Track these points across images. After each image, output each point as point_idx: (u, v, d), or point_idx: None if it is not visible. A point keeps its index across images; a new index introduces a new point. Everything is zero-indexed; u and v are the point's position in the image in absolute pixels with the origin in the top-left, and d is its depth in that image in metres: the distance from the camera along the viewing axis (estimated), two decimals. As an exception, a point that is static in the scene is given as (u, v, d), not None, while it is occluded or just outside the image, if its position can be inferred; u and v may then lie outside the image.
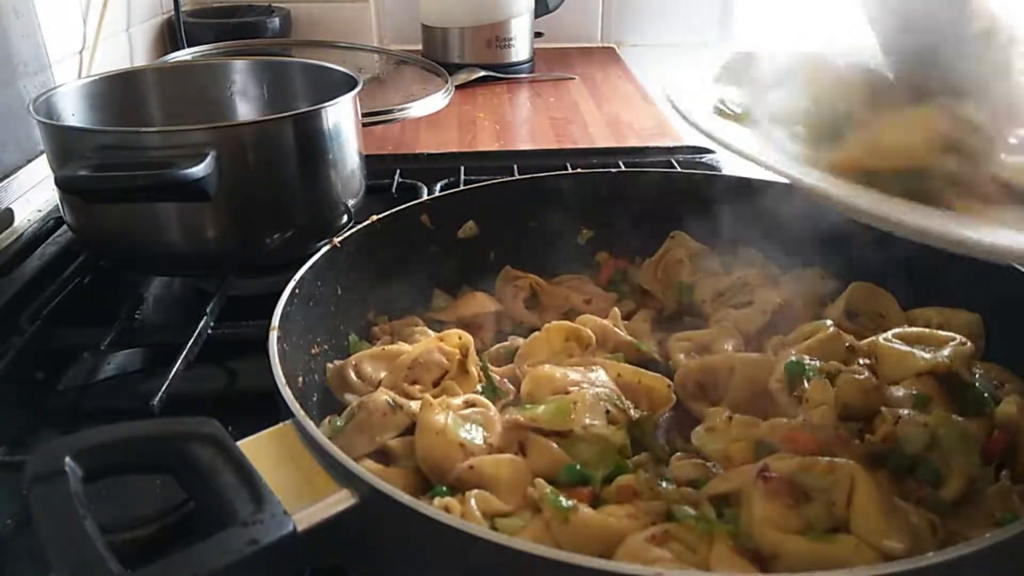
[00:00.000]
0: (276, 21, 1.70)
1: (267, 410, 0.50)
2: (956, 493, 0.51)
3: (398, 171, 1.08)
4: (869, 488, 0.48)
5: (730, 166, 1.17)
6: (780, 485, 0.47)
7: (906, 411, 0.55)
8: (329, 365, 0.65)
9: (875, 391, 0.58)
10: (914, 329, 0.64)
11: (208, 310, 0.75)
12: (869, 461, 0.52)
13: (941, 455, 0.52)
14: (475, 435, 0.55)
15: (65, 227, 0.93)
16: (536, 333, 0.69)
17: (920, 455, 0.52)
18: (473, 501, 0.49)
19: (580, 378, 0.60)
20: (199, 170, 0.69)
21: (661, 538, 0.45)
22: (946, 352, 0.60)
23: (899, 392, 0.58)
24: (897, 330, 0.64)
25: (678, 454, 0.57)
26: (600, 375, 0.62)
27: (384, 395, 0.58)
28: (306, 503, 0.42)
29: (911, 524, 0.47)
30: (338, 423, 0.57)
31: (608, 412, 0.57)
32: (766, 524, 0.46)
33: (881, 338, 0.63)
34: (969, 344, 0.61)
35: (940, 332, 0.63)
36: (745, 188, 0.80)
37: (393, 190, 1.04)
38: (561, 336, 0.68)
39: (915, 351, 0.61)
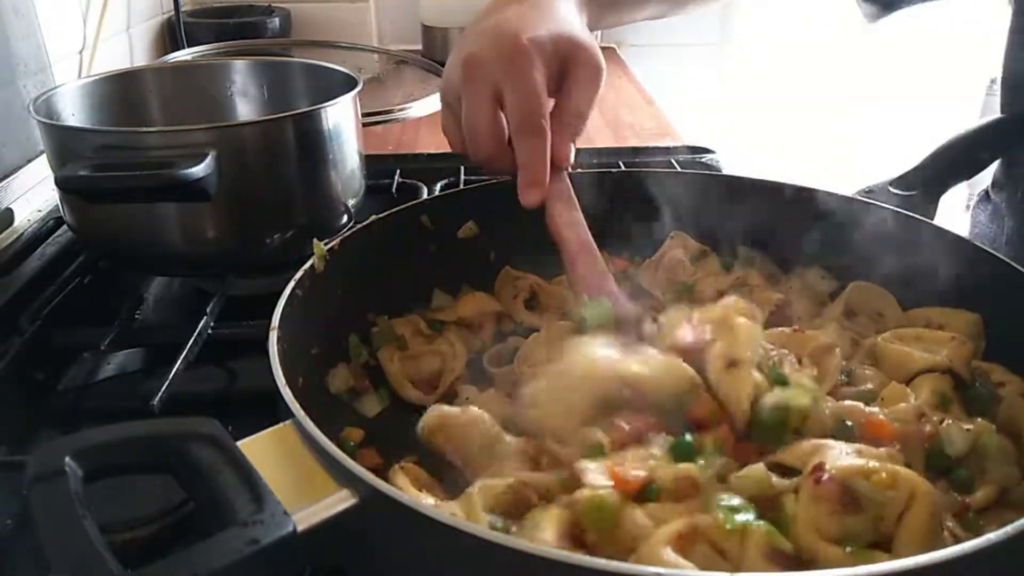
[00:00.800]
0: (276, 21, 1.70)
1: (267, 410, 0.50)
2: (986, 500, 0.50)
3: (398, 171, 1.08)
4: (928, 509, 0.45)
5: (730, 166, 1.17)
6: (832, 487, 0.44)
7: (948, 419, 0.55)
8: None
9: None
10: (912, 328, 0.65)
11: (208, 310, 0.75)
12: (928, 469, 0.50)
13: (978, 461, 0.52)
14: None
15: (65, 227, 0.93)
16: (536, 333, 0.69)
17: (960, 459, 0.52)
18: (478, 498, 0.48)
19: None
20: (199, 170, 0.69)
21: (689, 538, 0.43)
22: (944, 351, 0.61)
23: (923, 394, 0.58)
24: (896, 330, 0.64)
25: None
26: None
27: None
28: (306, 503, 0.42)
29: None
30: None
31: None
32: (808, 527, 0.44)
33: (880, 338, 0.63)
34: (968, 343, 0.61)
35: (938, 332, 0.64)
36: (745, 188, 0.80)
37: (393, 190, 1.04)
38: (561, 337, 0.68)
39: (914, 350, 0.61)
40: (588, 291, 0.65)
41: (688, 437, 0.50)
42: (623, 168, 1.02)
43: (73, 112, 0.88)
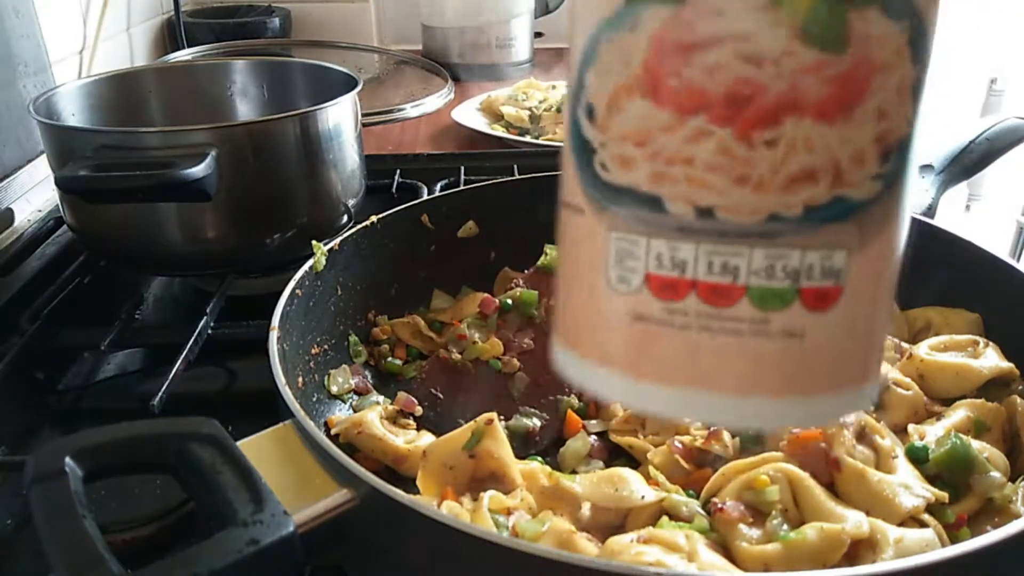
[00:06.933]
0: (276, 21, 1.70)
1: (267, 410, 0.50)
2: (969, 510, 0.50)
3: (398, 171, 1.08)
4: (805, 483, 0.49)
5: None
6: (732, 511, 0.48)
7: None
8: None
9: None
10: (939, 338, 0.63)
11: (208, 310, 0.75)
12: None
13: (960, 475, 0.51)
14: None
15: (65, 227, 0.93)
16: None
17: (943, 464, 0.51)
18: (485, 499, 0.49)
19: None
20: (199, 170, 0.69)
21: (646, 539, 0.46)
22: (992, 358, 0.60)
23: (956, 415, 0.57)
24: (932, 341, 0.63)
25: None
26: None
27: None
28: (306, 503, 0.42)
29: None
30: None
31: None
32: (741, 548, 0.46)
33: (923, 353, 0.61)
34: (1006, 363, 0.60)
35: (958, 337, 0.63)
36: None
37: (393, 190, 1.04)
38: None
39: (971, 361, 0.59)
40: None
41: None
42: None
43: (73, 112, 0.88)
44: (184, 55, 1.50)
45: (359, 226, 0.72)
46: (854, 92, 0.24)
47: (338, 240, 0.70)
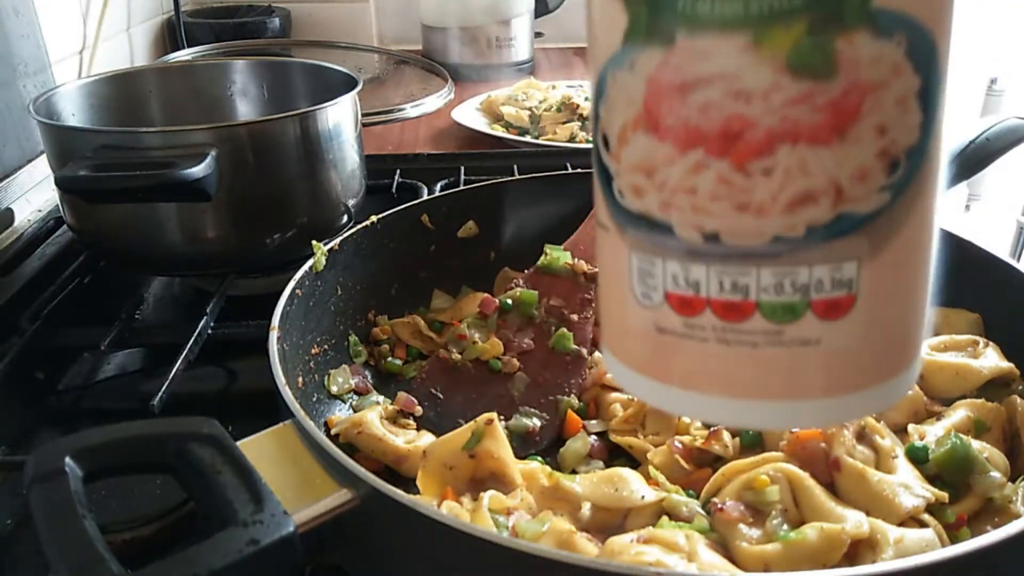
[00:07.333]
0: (276, 21, 1.70)
1: (267, 410, 0.50)
2: (969, 510, 0.50)
3: (398, 171, 1.08)
4: (805, 483, 0.49)
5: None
6: (732, 511, 0.48)
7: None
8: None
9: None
10: (939, 338, 0.63)
11: (208, 310, 0.75)
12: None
13: (959, 475, 0.51)
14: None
15: (65, 227, 0.93)
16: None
17: (943, 464, 0.51)
18: (485, 499, 0.49)
19: None
20: (199, 170, 0.69)
21: (646, 539, 0.46)
22: (992, 358, 0.60)
23: (957, 415, 0.57)
24: (932, 341, 0.62)
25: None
26: None
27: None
28: (306, 503, 0.42)
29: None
30: None
31: None
32: (740, 548, 0.46)
33: (923, 353, 0.61)
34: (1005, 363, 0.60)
35: (958, 337, 0.63)
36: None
37: (393, 190, 1.04)
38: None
39: (971, 361, 0.59)
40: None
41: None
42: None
43: (73, 112, 0.88)
44: (184, 55, 1.50)
45: (359, 226, 0.72)
46: (847, 115, 0.24)
47: (338, 240, 0.70)
